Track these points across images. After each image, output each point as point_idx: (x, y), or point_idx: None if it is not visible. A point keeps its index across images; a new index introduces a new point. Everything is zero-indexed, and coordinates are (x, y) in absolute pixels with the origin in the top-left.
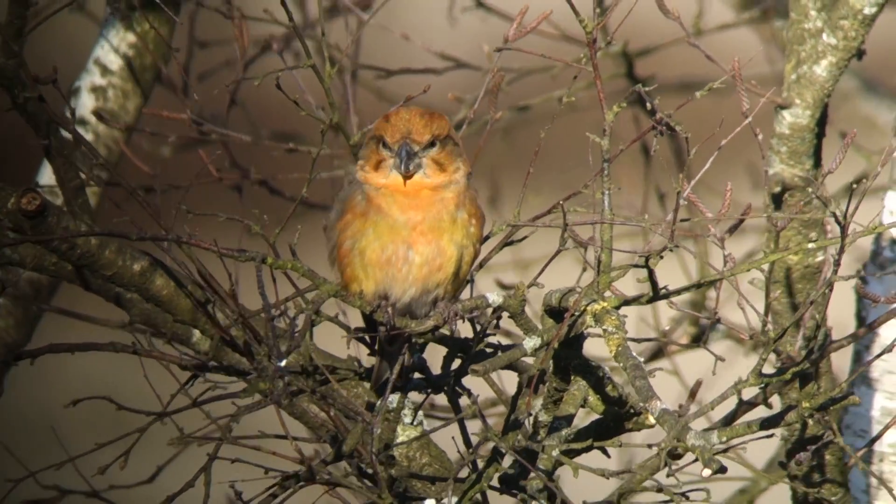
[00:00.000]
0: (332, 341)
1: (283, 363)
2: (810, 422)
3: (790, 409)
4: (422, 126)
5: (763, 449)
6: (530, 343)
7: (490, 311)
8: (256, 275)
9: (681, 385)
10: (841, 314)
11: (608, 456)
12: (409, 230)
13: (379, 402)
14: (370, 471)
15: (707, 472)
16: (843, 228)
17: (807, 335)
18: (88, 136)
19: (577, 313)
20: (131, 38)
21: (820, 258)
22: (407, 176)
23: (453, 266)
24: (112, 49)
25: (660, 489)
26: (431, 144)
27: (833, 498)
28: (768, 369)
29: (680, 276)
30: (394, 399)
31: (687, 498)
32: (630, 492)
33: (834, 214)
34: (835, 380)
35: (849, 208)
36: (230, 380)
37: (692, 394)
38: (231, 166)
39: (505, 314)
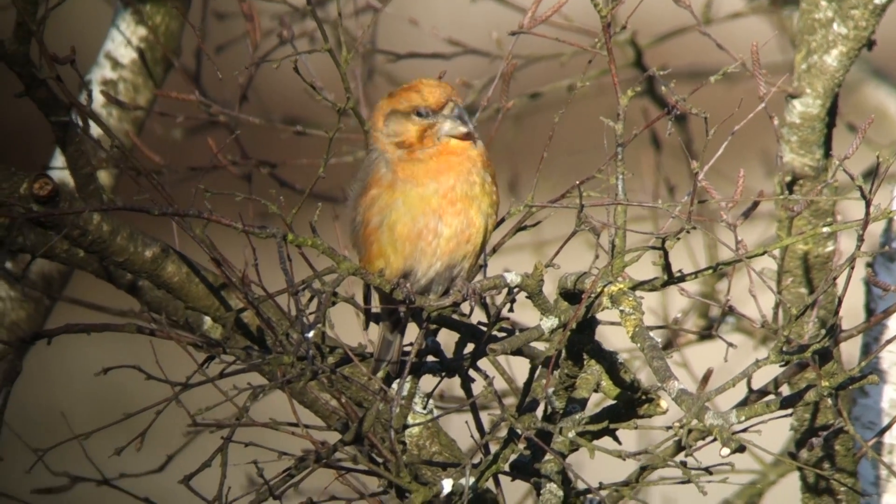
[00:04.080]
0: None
1: (311, 334)
2: (828, 401)
3: (809, 388)
4: (453, 89)
5: (773, 442)
6: (547, 323)
7: (506, 291)
8: (278, 251)
9: (689, 377)
10: (850, 306)
11: (619, 442)
12: (439, 198)
13: (397, 381)
14: (380, 459)
15: (726, 451)
16: (868, 203)
17: (817, 324)
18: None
19: (593, 295)
20: (142, 31)
21: (830, 248)
22: (469, 135)
23: (481, 237)
24: (123, 42)
25: (684, 463)
26: None
27: (844, 487)
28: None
29: (688, 266)
30: (405, 386)
31: (710, 473)
32: (651, 468)
33: (860, 188)
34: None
35: (873, 185)
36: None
37: (704, 380)
38: (239, 155)
39: (522, 295)
